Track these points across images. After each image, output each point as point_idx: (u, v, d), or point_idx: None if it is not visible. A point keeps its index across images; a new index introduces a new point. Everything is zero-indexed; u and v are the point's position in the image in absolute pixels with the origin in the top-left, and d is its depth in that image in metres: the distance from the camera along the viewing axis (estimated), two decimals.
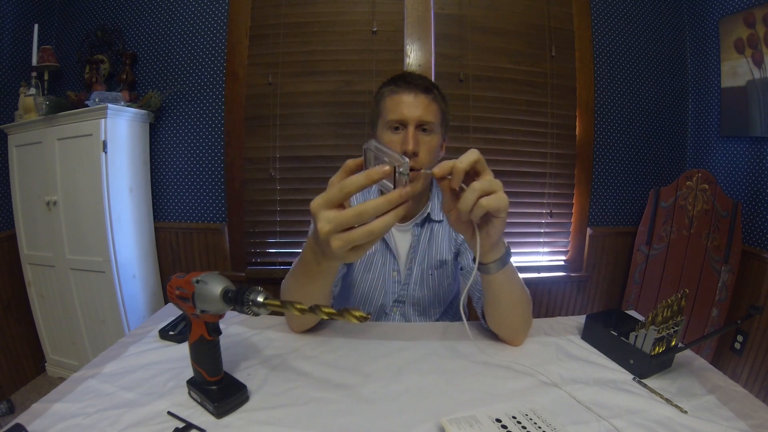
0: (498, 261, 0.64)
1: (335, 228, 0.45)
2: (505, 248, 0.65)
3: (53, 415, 0.53)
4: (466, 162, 0.50)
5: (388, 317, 0.99)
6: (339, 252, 0.46)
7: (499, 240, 0.61)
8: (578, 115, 1.94)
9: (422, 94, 0.84)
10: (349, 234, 0.45)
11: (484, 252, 0.62)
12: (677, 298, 0.68)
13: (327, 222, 0.46)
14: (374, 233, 0.45)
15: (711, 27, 1.89)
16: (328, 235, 0.46)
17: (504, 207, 0.53)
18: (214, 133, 1.89)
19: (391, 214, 0.45)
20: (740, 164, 1.82)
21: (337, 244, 0.46)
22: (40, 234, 1.76)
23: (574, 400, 0.59)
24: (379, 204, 0.44)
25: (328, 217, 0.46)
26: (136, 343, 0.74)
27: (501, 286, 0.69)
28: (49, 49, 1.79)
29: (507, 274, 0.67)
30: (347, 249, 0.46)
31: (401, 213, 0.45)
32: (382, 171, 0.44)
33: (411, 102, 0.83)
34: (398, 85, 0.85)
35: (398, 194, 0.44)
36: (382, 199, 0.44)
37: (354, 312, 0.42)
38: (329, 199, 0.46)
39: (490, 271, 0.65)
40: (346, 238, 0.45)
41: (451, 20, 1.83)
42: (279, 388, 0.61)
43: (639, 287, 1.95)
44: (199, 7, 1.84)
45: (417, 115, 0.82)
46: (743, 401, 0.60)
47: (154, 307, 1.86)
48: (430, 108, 0.84)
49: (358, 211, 0.44)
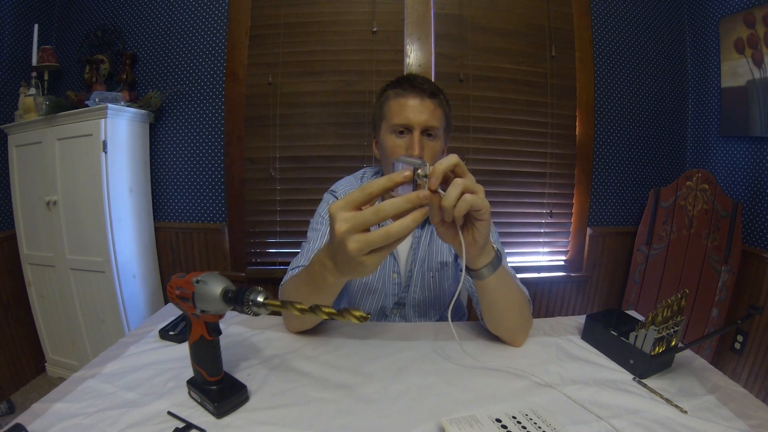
0: (488, 266, 0.62)
1: (353, 228, 0.44)
2: (495, 252, 0.63)
3: (53, 415, 0.53)
4: (445, 164, 0.48)
5: (388, 319, 0.98)
6: (355, 256, 0.45)
7: (486, 245, 0.59)
8: (578, 115, 1.94)
9: (428, 98, 0.83)
10: (366, 235, 0.44)
11: (472, 258, 0.60)
12: (677, 298, 0.68)
13: (344, 221, 0.44)
14: (392, 235, 0.44)
15: (711, 27, 1.89)
16: (345, 235, 0.44)
17: (486, 208, 0.51)
18: (214, 133, 1.89)
19: (410, 217, 0.44)
20: (740, 164, 1.82)
21: (353, 246, 0.44)
22: (40, 234, 1.76)
23: (574, 400, 0.59)
24: (398, 203, 0.44)
25: (346, 216, 0.45)
26: (136, 343, 0.74)
27: (494, 290, 0.68)
28: (49, 49, 1.79)
29: (499, 277, 0.65)
30: (364, 253, 0.45)
31: (420, 218, 0.44)
32: (403, 175, 0.44)
33: (417, 106, 0.82)
34: (404, 88, 0.84)
35: (417, 195, 0.44)
36: (401, 199, 0.44)
37: (354, 312, 0.42)
38: (350, 201, 0.46)
39: (482, 276, 0.63)
40: (364, 240, 0.44)
41: (451, 20, 1.83)
42: (279, 388, 0.61)
43: (639, 287, 1.95)
44: (199, 7, 1.84)
45: (423, 120, 0.81)
46: (743, 401, 0.60)
47: (154, 307, 1.86)
48: (436, 113, 0.83)
49: (376, 209, 0.44)
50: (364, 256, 0.45)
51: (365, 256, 0.46)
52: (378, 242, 0.44)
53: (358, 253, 0.45)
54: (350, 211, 0.45)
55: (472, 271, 0.64)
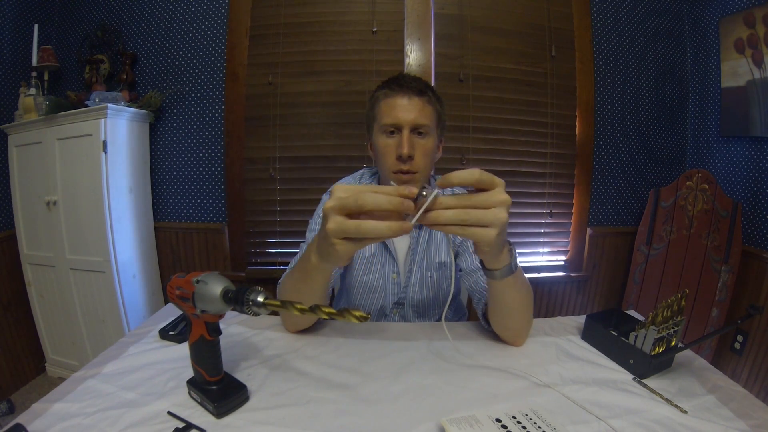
0: (504, 269, 0.62)
1: (335, 208, 0.47)
2: (511, 258, 0.62)
3: (53, 415, 0.53)
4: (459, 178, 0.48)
5: (387, 319, 0.99)
6: (330, 235, 0.48)
7: (498, 253, 0.58)
8: (578, 115, 1.94)
9: (416, 96, 0.83)
10: (344, 219, 0.47)
11: (486, 260, 0.61)
12: (677, 298, 0.68)
13: (333, 200, 0.48)
14: (362, 230, 0.46)
15: (711, 27, 1.89)
16: (329, 212, 0.48)
17: (482, 238, 0.49)
18: (214, 133, 1.89)
19: (386, 224, 0.45)
20: (740, 164, 1.82)
21: (331, 225, 0.47)
22: (40, 234, 1.76)
23: (574, 400, 0.59)
24: (379, 199, 0.45)
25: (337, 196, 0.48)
26: (136, 343, 0.74)
27: (504, 292, 0.68)
28: (49, 49, 1.79)
29: (513, 280, 0.65)
30: (339, 236, 0.48)
31: (396, 229, 0.45)
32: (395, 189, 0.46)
33: (405, 105, 0.82)
34: (392, 89, 0.85)
35: (400, 201, 0.45)
36: (384, 197, 0.45)
37: (354, 312, 0.42)
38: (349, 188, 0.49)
39: (495, 277, 0.63)
40: (341, 222, 0.47)
41: (451, 20, 1.83)
42: (279, 388, 0.61)
43: (639, 287, 1.95)
44: (199, 7, 1.84)
45: (411, 119, 0.82)
46: (743, 401, 0.60)
47: (154, 307, 1.86)
48: (425, 111, 0.84)
49: (357, 196, 0.46)
50: (338, 240, 0.48)
51: (339, 240, 0.48)
52: (351, 231, 0.47)
53: (333, 234, 0.48)
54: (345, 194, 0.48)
55: (486, 270, 0.64)
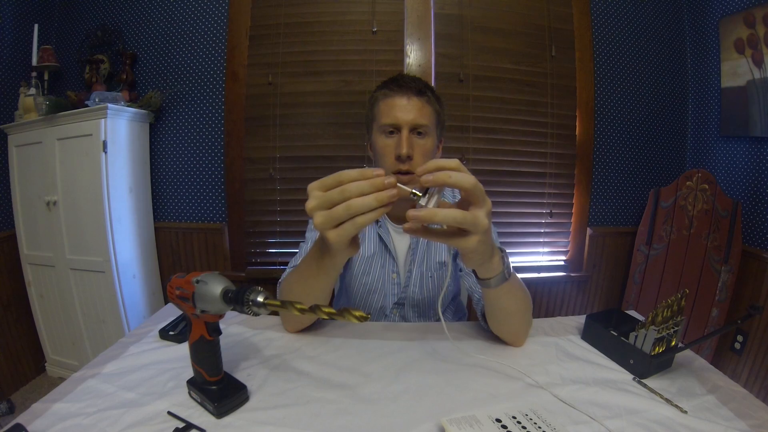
0: (497, 277, 0.62)
1: (318, 205, 0.48)
2: (503, 266, 0.62)
3: (53, 415, 0.53)
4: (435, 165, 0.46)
5: (388, 319, 0.99)
6: (321, 230, 0.48)
7: (486, 261, 0.58)
8: (578, 115, 1.94)
9: (415, 96, 0.83)
10: (330, 210, 0.47)
11: (477, 270, 0.61)
12: (677, 298, 0.68)
13: (314, 198, 0.48)
14: (352, 208, 0.46)
15: (711, 27, 1.89)
16: (312, 211, 0.48)
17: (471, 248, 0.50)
18: (214, 133, 1.89)
19: (372, 196, 0.46)
20: (740, 164, 1.82)
21: (318, 221, 0.48)
22: (40, 234, 1.76)
23: (574, 400, 0.59)
24: (362, 185, 0.46)
25: (316, 194, 0.48)
26: (136, 343, 0.74)
27: (500, 299, 0.68)
28: (49, 49, 1.79)
29: (509, 287, 0.65)
30: (328, 227, 0.48)
31: (384, 198, 0.46)
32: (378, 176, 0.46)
33: (404, 105, 0.82)
34: (391, 89, 0.85)
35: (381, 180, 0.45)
36: (366, 183, 0.46)
37: (354, 312, 0.42)
38: (323, 182, 0.48)
39: (489, 285, 0.63)
40: (328, 214, 0.47)
41: (451, 20, 1.83)
42: (279, 388, 0.61)
43: (639, 287, 1.95)
44: (199, 8, 1.84)
45: (410, 119, 0.82)
46: (743, 401, 0.60)
47: (154, 307, 1.86)
48: (424, 111, 0.84)
49: (342, 188, 0.46)
50: (328, 230, 0.48)
51: (330, 230, 0.48)
52: (341, 215, 0.47)
53: (322, 227, 0.48)
54: (322, 191, 0.48)
55: (479, 280, 0.63)
